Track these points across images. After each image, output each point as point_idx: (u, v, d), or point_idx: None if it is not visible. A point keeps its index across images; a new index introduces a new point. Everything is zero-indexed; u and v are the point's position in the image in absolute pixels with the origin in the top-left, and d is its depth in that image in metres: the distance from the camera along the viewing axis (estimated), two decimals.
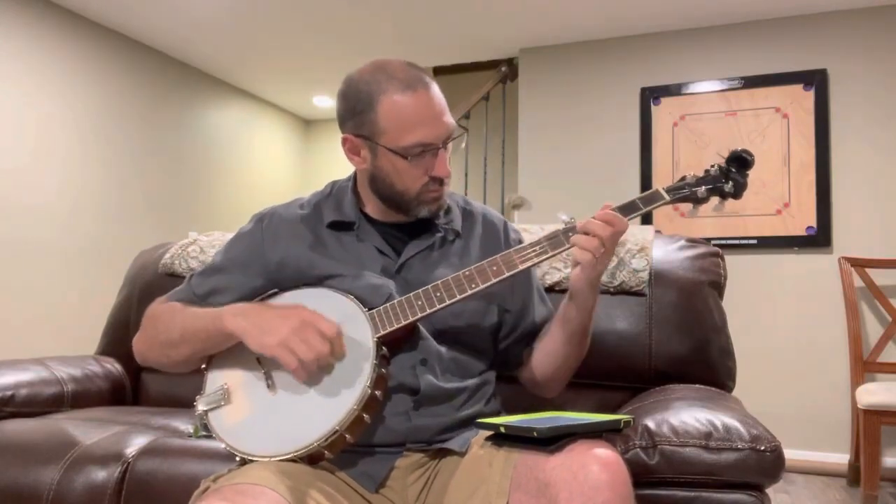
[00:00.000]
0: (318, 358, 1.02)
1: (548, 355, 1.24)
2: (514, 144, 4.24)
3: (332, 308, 1.11)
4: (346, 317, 1.10)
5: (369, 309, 1.12)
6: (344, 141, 1.19)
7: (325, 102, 5.44)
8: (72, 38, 3.77)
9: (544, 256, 1.13)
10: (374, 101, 1.13)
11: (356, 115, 1.15)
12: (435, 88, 1.15)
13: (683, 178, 1.18)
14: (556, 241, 1.13)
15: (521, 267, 1.12)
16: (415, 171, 1.14)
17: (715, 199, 1.17)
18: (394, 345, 1.13)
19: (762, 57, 3.69)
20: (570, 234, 1.13)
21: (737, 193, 1.16)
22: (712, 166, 1.18)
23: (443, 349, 1.18)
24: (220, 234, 2.07)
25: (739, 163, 1.16)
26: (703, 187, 1.16)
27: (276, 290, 1.21)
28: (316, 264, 1.19)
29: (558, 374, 1.25)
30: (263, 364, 1.11)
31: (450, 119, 1.15)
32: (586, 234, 1.09)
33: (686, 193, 1.16)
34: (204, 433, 1.44)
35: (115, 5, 3.70)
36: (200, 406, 1.12)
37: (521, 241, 1.32)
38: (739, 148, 1.17)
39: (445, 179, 1.17)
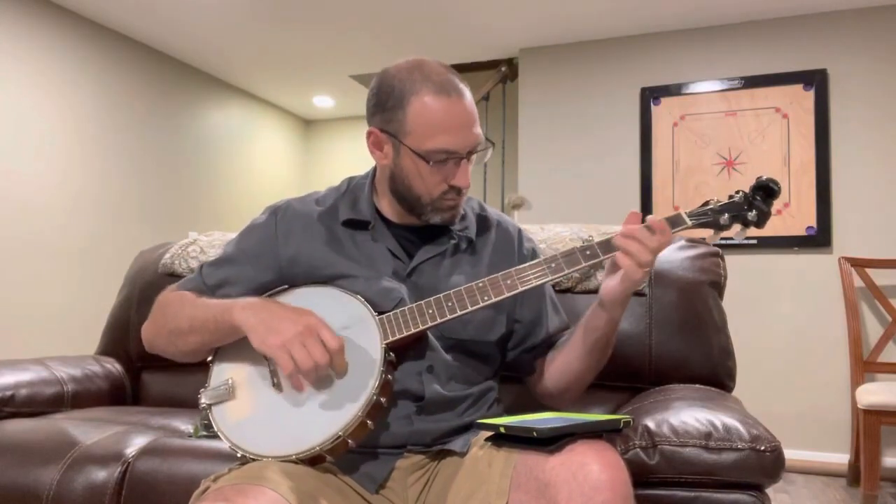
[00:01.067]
0: (315, 368, 1.02)
1: (566, 366, 1.23)
2: (514, 144, 4.24)
3: (342, 310, 1.11)
4: (354, 320, 1.09)
5: (379, 313, 1.11)
6: (368, 134, 1.18)
7: (325, 102, 5.44)
8: (72, 38, 3.77)
9: (559, 274, 1.11)
10: (405, 100, 1.11)
11: (386, 110, 1.14)
12: (468, 97, 1.13)
13: (707, 204, 1.15)
14: (571, 259, 1.12)
15: (534, 283, 1.11)
16: (435, 176, 1.13)
17: (737, 227, 1.14)
18: (401, 350, 1.12)
19: (762, 57, 3.69)
20: (588, 252, 1.11)
21: (759, 222, 1.13)
22: (737, 192, 1.15)
23: (449, 357, 1.17)
24: (220, 234, 2.07)
25: (765, 192, 1.13)
26: (727, 214, 1.13)
27: (286, 286, 1.20)
28: (329, 262, 1.18)
29: (574, 386, 1.24)
30: (270, 361, 1.10)
31: (478, 130, 1.13)
32: (631, 239, 1.05)
33: (708, 220, 1.13)
34: (204, 433, 1.44)
35: (115, 5, 3.70)
36: (204, 400, 1.11)
37: (534, 252, 1.32)
38: (765, 177, 1.14)
39: (464, 190, 1.16)
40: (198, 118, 4.68)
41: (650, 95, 3.86)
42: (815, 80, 3.57)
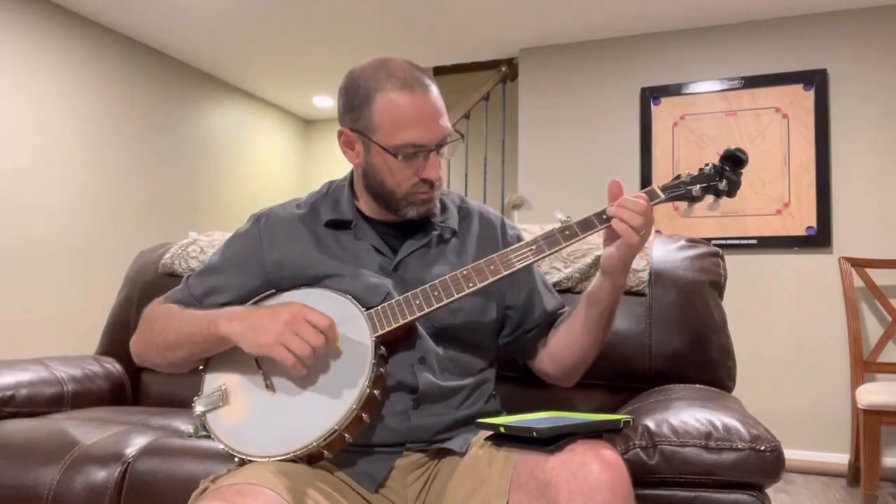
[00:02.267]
0: (313, 352, 1.02)
1: (571, 340, 1.23)
2: (514, 144, 4.24)
3: (331, 308, 1.11)
4: (344, 317, 1.10)
5: (367, 308, 1.12)
6: (339, 134, 1.20)
7: (325, 102, 5.44)
8: (72, 38, 3.77)
9: (541, 255, 1.13)
10: (371, 98, 1.13)
11: (353, 109, 1.16)
12: (433, 91, 1.15)
13: (678, 177, 1.18)
14: (552, 240, 1.13)
15: (517, 266, 1.12)
16: (405, 170, 1.14)
17: (710, 198, 1.18)
18: (392, 344, 1.13)
19: (762, 57, 3.69)
20: (567, 232, 1.13)
21: (731, 192, 1.17)
22: (707, 165, 1.18)
23: (440, 347, 1.18)
24: (220, 234, 2.07)
25: (733, 161, 1.17)
26: (698, 185, 1.16)
27: (273, 290, 1.21)
28: (315, 264, 1.19)
29: (581, 361, 1.24)
30: (262, 364, 1.11)
31: (445, 123, 1.15)
32: (621, 207, 1.08)
33: (681, 192, 1.16)
34: (204, 433, 1.44)
35: (116, 5, 3.70)
36: (199, 407, 1.12)
37: (519, 238, 1.32)
38: (733, 147, 1.17)
39: (436, 183, 1.16)
40: (198, 118, 4.68)
41: (650, 95, 3.86)
42: (815, 80, 3.57)
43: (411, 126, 1.11)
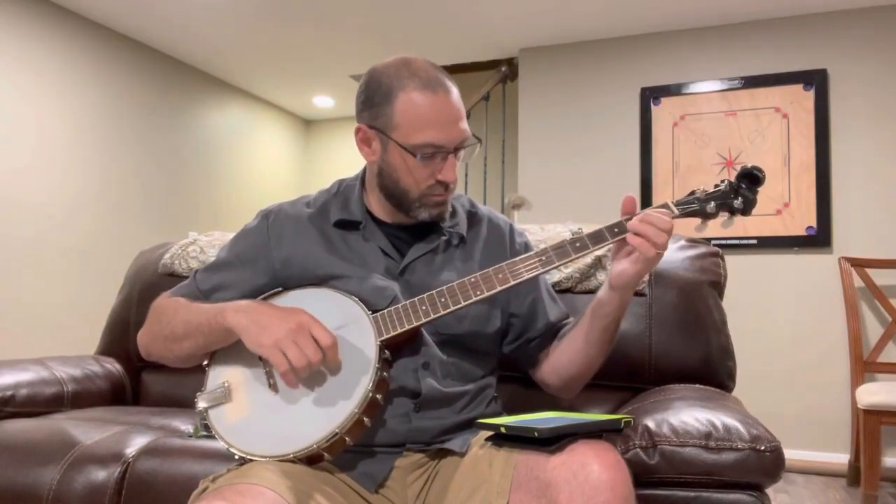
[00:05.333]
0: (308, 365, 1.01)
1: (575, 352, 1.22)
2: (514, 144, 4.24)
3: (336, 309, 1.11)
4: (349, 319, 1.10)
5: (373, 311, 1.11)
6: (357, 130, 1.19)
7: (325, 102, 5.44)
8: (71, 37, 3.77)
9: (550, 266, 1.12)
10: (392, 95, 1.13)
11: (373, 106, 1.15)
12: (454, 93, 1.15)
13: (693, 193, 1.16)
14: (562, 252, 1.12)
15: (525, 276, 1.12)
16: (423, 171, 1.14)
17: (724, 215, 1.16)
18: (396, 348, 1.12)
19: (762, 57, 3.69)
20: (577, 244, 1.12)
21: (746, 210, 1.15)
22: (722, 181, 1.17)
23: (444, 353, 1.18)
24: (220, 234, 2.07)
25: (749, 179, 1.15)
26: (713, 202, 1.14)
27: (280, 288, 1.21)
28: (322, 263, 1.19)
29: (585, 372, 1.24)
30: (266, 363, 1.11)
31: (465, 126, 1.15)
32: (646, 223, 1.06)
33: (695, 208, 1.15)
34: (204, 433, 1.44)
35: (116, 5, 3.70)
36: (201, 403, 1.11)
37: (527, 245, 1.32)
38: (750, 164, 1.15)
39: (451, 185, 1.16)
40: (198, 118, 4.68)
41: (650, 95, 3.86)
42: (815, 80, 3.57)
43: (431, 126, 1.11)
